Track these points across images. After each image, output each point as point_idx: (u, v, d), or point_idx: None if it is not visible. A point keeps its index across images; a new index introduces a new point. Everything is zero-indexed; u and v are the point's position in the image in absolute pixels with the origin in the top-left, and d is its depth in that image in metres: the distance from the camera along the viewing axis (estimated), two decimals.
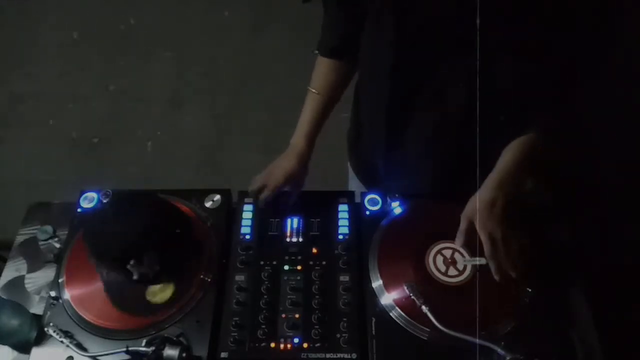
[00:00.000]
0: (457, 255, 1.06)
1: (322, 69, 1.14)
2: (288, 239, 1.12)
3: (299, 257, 1.09)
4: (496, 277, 1.00)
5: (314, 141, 1.16)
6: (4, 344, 1.04)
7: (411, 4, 0.90)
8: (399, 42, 0.96)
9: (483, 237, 1.00)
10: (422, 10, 0.90)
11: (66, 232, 1.16)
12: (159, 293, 1.04)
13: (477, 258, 1.02)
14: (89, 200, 1.20)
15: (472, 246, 1.03)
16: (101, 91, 2.85)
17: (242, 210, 1.17)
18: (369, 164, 1.29)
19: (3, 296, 1.12)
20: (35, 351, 0.99)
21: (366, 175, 1.34)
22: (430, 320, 0.96)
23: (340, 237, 1.12)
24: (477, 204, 1.03)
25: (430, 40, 0.93)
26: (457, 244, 1.04)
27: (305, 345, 0.98)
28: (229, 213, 1.18)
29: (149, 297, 1.03)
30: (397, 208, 1.15)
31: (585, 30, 0.86)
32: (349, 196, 1.19)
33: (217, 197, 1.19)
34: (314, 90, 1.14)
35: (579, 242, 1.14)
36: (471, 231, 1.02)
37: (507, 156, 1.03)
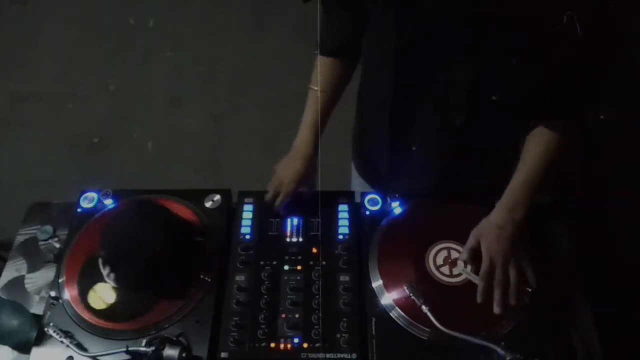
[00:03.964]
0: (456, 256, 1.06)
1: (323, 68, 1.13)
2: (288, 239, 1.12)
3: (299, 257, 1.09)
4: (478, 298, 1.00)
5: (319, 140, 1.16)
6: (4, 344, 1.04)
7: (413, 9, 0.90)
8: (400, 47, 0.96)
9: (484, 257, 1.01)
10: (424, 16, 0.90)
11: (66, 232, 1.16)
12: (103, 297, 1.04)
13: (475, 275, 1.02)
14: (89, 200, 1.20)
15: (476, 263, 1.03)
16: (101, 91, 2.85)
17: (242, 210, 1.17)
18: (372, 165, 1.29)
19: (3, 296, 1.12)
20: (35, 351, 0.99)
21: (370, 175, 1.34)
22: (430, 320, 0.96)
23: (340, 237, 1.12)
24: (487, 225, 1.03)
25: (432, 45, 0.93)
26: (461, 258, 1.05)
27: (305, 345, 0.98)
28: (229, 213, 1.18)
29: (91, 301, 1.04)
30: (397, 208, 1.15)
31: (588, 32, 0.86)
32: (349, 196, 1.19)
33: (217, 197, 1.19)
34: (315, 88, 1.13)
35: (579, 242, 1.14)
36: (477, 249, 1.02)
37: (520, 176, 1.04)
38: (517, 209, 1.03)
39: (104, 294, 1.04)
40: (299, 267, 1.08)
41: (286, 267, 1.08)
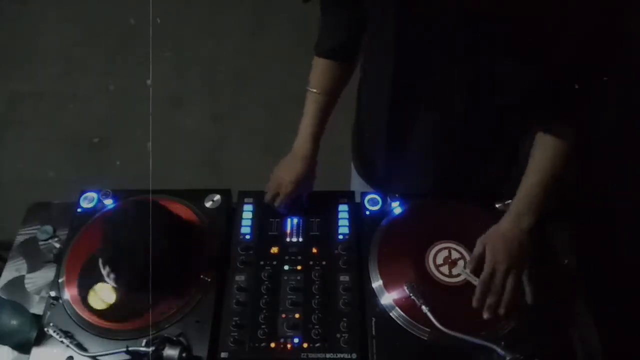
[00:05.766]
0: (456, 256, 1.06)
1: (320, 69, 1.13)
2: (288, 239, 1.12)
3: (299, 257, 1.09)
4: (474, 303, 0.99)
5: (319, 142, 1.15)
6: (4, 344, 1.04)
7: (412, 10, 0.90)
8: (400, 48, 0.96)
9: (487, 263, 1.00)
10: (424, 16, 0.90)
11: (66, 232, 1.16)
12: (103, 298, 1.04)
13: (474, 277, 1.02)
14: (89, 200, 1.20)
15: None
16: (101, 91, 2.85)
17: (242, 210, 1.17)
18: (372, 165, 1.29)
19: (3, 296, 1.12)
20: (35, 351, 0.99)
21: (369, 175, 1.34)
22: (430, 320, 0.96)
23: (340, 237, 1.12)
24: (495, 232, 1.03)
25: (431, 45, 0.93)
26: (468, 267, 1.04)
27: (305, 345, 0.98)
28: (229, 213, 1.18)
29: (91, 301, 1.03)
30: (397, 208, 1.15)
31: (588, 32, 0.86)
32: (349, 196, 1.19)
33: (217, 197, 1.19)
34: (314, 90, 1.13)
35: (579, 242, 1.14)
36: (484, 256, 1.02)
37: (528, 184, 1.02)
38: (524, 217, 1.02)
39: (103, 294, 1.04)
40: (299, 267, 1.08)
41: (286, 267, 1.08)
